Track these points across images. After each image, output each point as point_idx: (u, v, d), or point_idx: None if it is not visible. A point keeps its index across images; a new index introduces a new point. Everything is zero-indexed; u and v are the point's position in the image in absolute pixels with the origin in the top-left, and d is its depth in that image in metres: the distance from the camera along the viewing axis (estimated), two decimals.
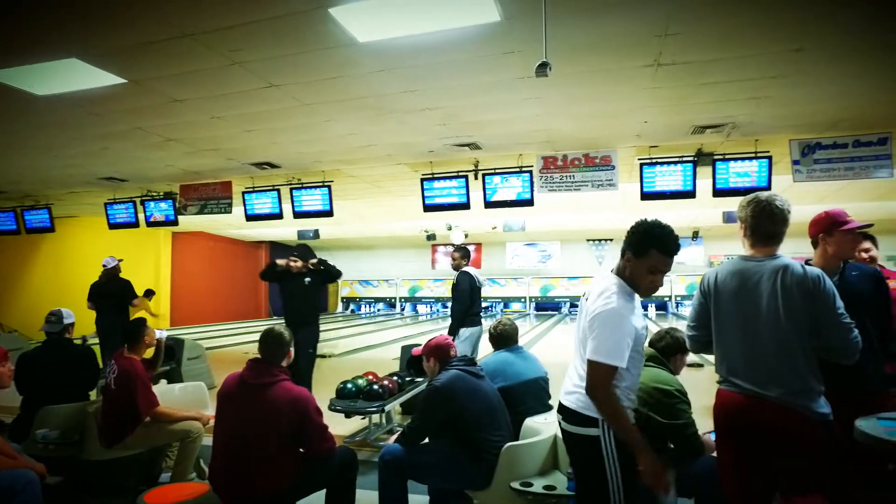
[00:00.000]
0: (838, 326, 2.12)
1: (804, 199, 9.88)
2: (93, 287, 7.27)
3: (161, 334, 4.21)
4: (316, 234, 14.83)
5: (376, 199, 10.64)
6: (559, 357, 4.19)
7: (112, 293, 7.18)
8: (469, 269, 6.03)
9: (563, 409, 2.32)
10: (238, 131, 5.94)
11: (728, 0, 3.34)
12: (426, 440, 3.17)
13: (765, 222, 2.27)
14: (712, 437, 2.87)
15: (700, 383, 3.88)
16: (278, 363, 2.98)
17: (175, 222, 8.84)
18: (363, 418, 4.81)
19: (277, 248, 20.25)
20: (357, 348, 11.64)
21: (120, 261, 7.37)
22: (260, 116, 5.45)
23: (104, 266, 7.30)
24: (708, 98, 5.03)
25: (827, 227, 2.68)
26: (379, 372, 4.96)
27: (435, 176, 7.36)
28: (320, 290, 6.20)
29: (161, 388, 4.41)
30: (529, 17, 3.40)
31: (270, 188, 8.14)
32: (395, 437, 3.23)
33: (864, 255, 3.22)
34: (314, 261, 6.23)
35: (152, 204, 8.84)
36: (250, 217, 8.40)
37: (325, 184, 7.86)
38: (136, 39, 3.76)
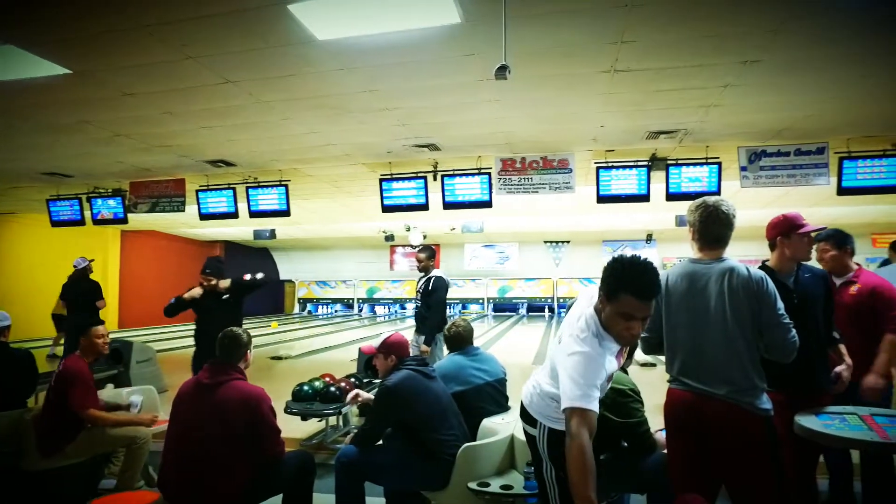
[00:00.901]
0: (780, 326, 2.23)
1: (751, 205, 10.27)
2: (64, 286, 7.74)
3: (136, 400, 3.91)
4: (272, 234, 14.56)
5: (334, 199, 10.53)
6: (516, 358, 4.23)
7: (83, 291, 7.50)
8: (439, 271, 5.99)
9: (523, 410, 2.35)
10: (192, 128, 5.77)
11: (680, 12, 3.45)
12: (382, 441, 3.15)
13: (712, 226, 2.36)
14: (663, 434, 2.95)
15: (652, 382, 3.98)
16: (235, 364, 2.92)
17: (124, 220, 8.53)
18: (320, 421, 4.75)
19: (233, 247, 19.79)
20: (314, 350, 11.48)
21: (91, 261, 7.76)
22: (215, 113, 5.31)
23: (75, 266, 7.69)
24: (661, 105, 5.17)
25: (784, 231, 2.77)
26: (336, 374, 4.90)
27: (394, 176, 7.33)
28: (241, 306, 5.05)
29: (109, 393, 4.25)
30: (489, 21, 3.43)
31: (226, 186, 7.95)
32: (349, 437, 3.20)
33: (825, 255, 3.36)
34: (226, 283, 4.96)
35: (100, 201, 8.50)
36: (204, 216, 8.18)
37: (282, 183, 7.73)
38: (83, 28, 3.61)
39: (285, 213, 7.82)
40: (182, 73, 4.32)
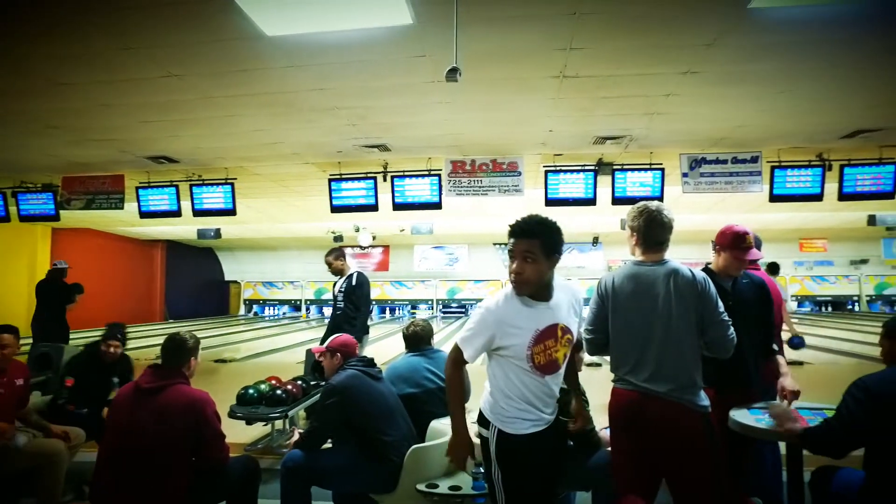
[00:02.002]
0: (720, 324, 2.34)
1: (691, 210, 10.69)
2: (37, 286, 7.99)
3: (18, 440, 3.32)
4: (217, 234, 14.15)
5: (282, 198, 10.32)
6: None
7: (55, 290, 7.79)
8: (354, 269, 5.66)
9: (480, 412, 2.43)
10: (132, 121, 5.54)
11: (625, 22, 3.56)
12: (329, 444, 3.11)
13: (655, 230, 2.44)
14: (607, 432, 3.03)
15: (598, 382, 4.09)
16: (179, 368, 2.81)
17: (56, 217, 8.10)
18: (265, 425, 4.64)
19: (175, 247, 19.11)
20: (260, 352, 11.21)
21: (68, 268, 8.05)
22: (157, 107, 5.12)
23: (53, 265, 8.12)
24: (608, 111, 5.32)
25: (725, 244, 2.94)
26: (283, 376, 4.80)
27: (343, 177, 7.26)
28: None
29: (36, 401, 4.01)
30: (441, 23, 3.44)
31: (168, 184, 7.66)
32: (293, 441, 3.13)
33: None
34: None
35: (28, 196, 8.03)
36: (145, 214, 7.85)
37: (228, 181, 7.52)
38: (13, 13, 3.41)
39: (231, 212, 7.61)
40: (121, 65, 4.14)
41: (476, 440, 2.45)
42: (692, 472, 2.27)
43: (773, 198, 6.74)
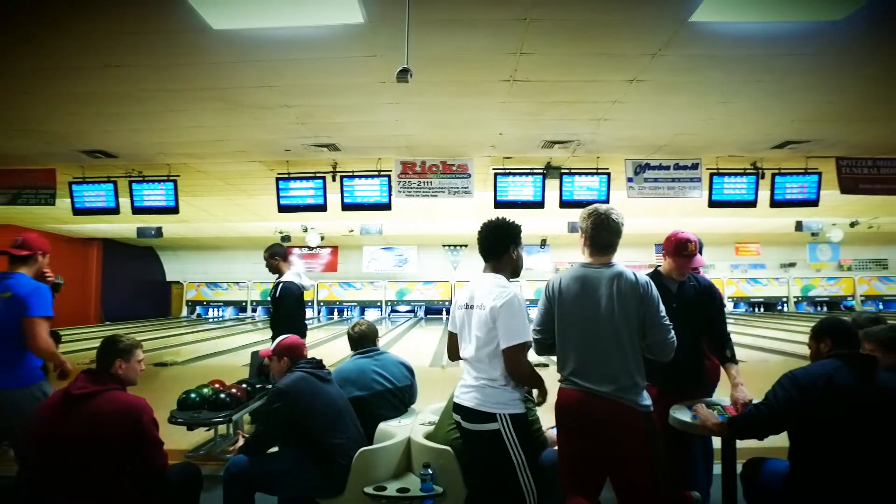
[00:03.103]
0: (661, 327, 2.41)
1: (637, 214, 11.02)
2: None
3: None
4: (159, 233, 13.60)
5: (228, 196, 10.04)
6: (414, 360, 4.24)
7: None
8: (291, 273, 5.24)
9: (460, 409, 2.56)
10: (62, 113, 5.25)
11: (574, 30, 3.65)
12: (274, 448, 3.05)
13: (602, 233, 2.49)
14: (554, 432, 3.09)
15: (545, 382, 4.16)
16: (112, 373, 2.68)
17: None
18: (208, 430, 4.50)
19: (113, 245, 18.29)
20: (203, 355, 10.86)
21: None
22: (93, 98, 4.88)
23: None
24: (556, 116, 5.43)
25: (668, 250, 3.12)
26: (227, 380, 4.67)
27: (291, 176, 7.13)
28: None
29: None
30: (393, 23, 3.43)
31: (105, 180, 7.32)
32: (238, 446, 3.05)
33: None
34: None
35: None
36: (79, 211, 7.47)
37: (171, 178, 7.26)
38: None
39: (173, 210, 7.34)
40: (59, 51, 3.92)
41: (425, 442, 2.47)
42: (635, 469, 2.34)
43: (712, 203, 7.04)
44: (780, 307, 20.37)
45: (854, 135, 6.13)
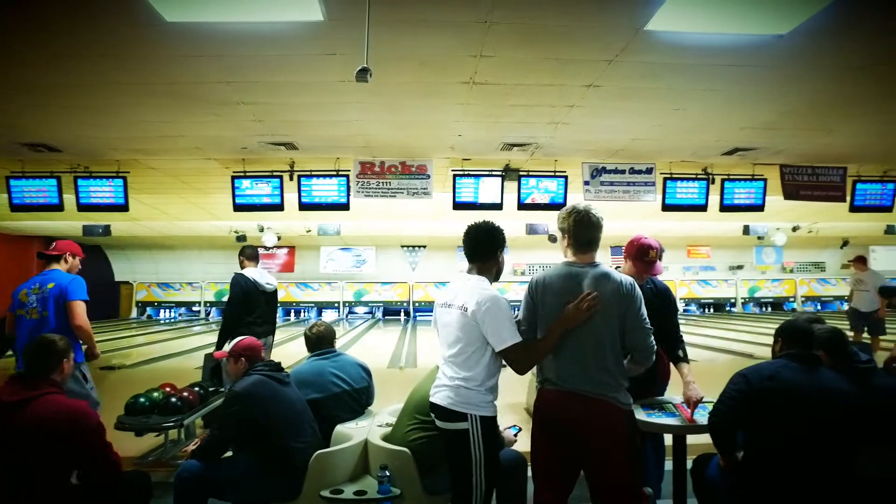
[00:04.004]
0: (643, 330, 2.45)
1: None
2: None
3: None
4: (107, 231, 13.05)
5: (181, 195, 9.76)
6: (372, 361, 4.21)
7: None
8: (251, 270, 5.41)
9: (434, 408, 2.58)
10: (1, 103, 4.98)
11: (532, 34, 3.70)
12: (229, 453, 2.98)
13: (584, 230, 2.51)
14: (512, 431, 3.12)
15: (505, 382, 4.19)
16: (48, 376, 2.55)
17: None
18: (158, 435, 4.36)
19: None
20: (153, 357, 10.53)
21: None
22: (36, 89, 4.65)
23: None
24: (515, 118, 5.49)
25: (629, 253, 3.19)
26: (178, 383, 4.53)
27: (247, 174, 6.99)
28: None
29: None
30: (353, 22, 3.40)
31: (48, 175, 6.98)
32: (191, 451, 2.97)
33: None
34: None
35: None
36: (17, 207, 7.09)
37: (120, 175, 6.99)
38: None
39: (123, 207, 7.07)
40: None
41: (383, 444, 2.45)
42: (615, 467, 2.36)
43: (665, 207, 7.26)
44: (728, 308, 21.10)
45: (797, 144, 6.42)
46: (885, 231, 13.67)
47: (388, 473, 2.80)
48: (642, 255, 3.15)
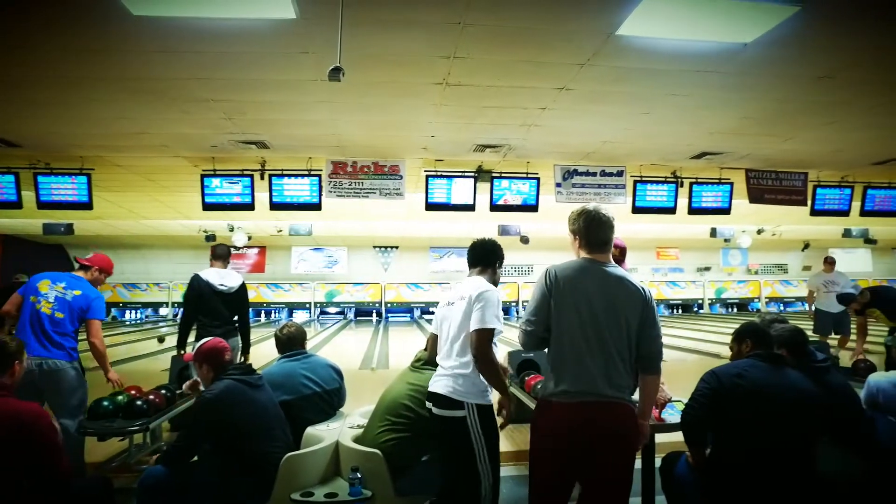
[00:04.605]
0: (655, 340, 2.39)
1: (565, 217, 11.33)
2: None
3: None
4: (69, 229, 12.68)
5: (148, 193, 9.54)
6: (343, 362, 4.19)
7: None
8: (209, 270, 5.10)
9: (433, 397, 2.68)
10: None
11: (505, 37, 3.72)
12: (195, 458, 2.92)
13: (597, 230, 2.43)
14: None
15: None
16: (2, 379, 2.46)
17: None
18: (122, 440, 4.24)
19: (15, 243, 16.97)
20: (118, 360, 10.26)
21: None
22: None
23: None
24: (488, 120, 5.51)
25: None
26: (144, 385, 4.43)
27: (217, 173, 6.87)
28: None
29: None
30: (326, 20, 3.37)
31: (5, 170, 6.74)
32: (157, 457, 2.90)
33: None
34: None
35: None
36: None
37: (84, 172, 6.80)
38: None
39: (86, 205, 6.89)
40: None
41: (354, 446, 2.43)
42: (623, 468, 2.30)
43: (636, 210, 7.37)
44: (696, 308, 21.54)
45: (762, 149, 6.59)
46: (843, 234, 14.17)
47: (359, 475, 2.78)
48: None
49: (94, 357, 4.10)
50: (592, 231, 2.43)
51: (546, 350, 2.44)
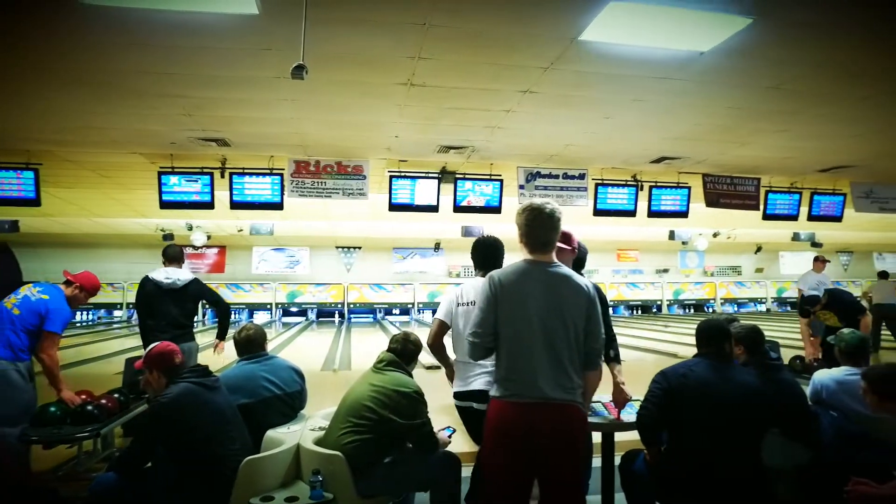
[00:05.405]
0: (602, 335, 2.39)
1: None
2: None
3: None
4: (14, 227, 12.14)
5: (102, 189, 9.22)
6: (305, 364, 4.13)
7: None
8: (158, 270, 4.90)
9: (473, 394, 2.87)
10: None
11: (470, 38, 3.74)
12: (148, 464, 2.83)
13: (538, 229, 2.36)
14: (446, 433, 3.14)
15: (437, 384, 4.20)
16: None
17: None
18: (70, 447, 4.06)
19: None
20: (68, 363, 9.86)
21: None
22: None
23: None
24: (452, 121, 5.53)
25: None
26: (96, 389, 4.27)
27: (175, 170, 6.70)
28: None
29: None
30: (289, 17, 3.32)
31: None
32: (108, 464, 2.80)
33: None
34: None
35: None
36: None
37: (31, 167, 6.53)
38: None
39: (33, 202, 6.61)
40: None
41: (315, 448, 2.37)
42: (572, 469, 2.30)
43: (597, 212, 7.51)
44: (654, 309, 22.04)
45: (717, 155, 6.80)
46: (792, 238, 14.74)
47: (320, 478, 2.75)
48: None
49: (44, 374, 3.84)
50: (535, 229, 2.36)
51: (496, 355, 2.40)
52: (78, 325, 18.61)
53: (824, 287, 8.25)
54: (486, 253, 3.25)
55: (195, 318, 5.02)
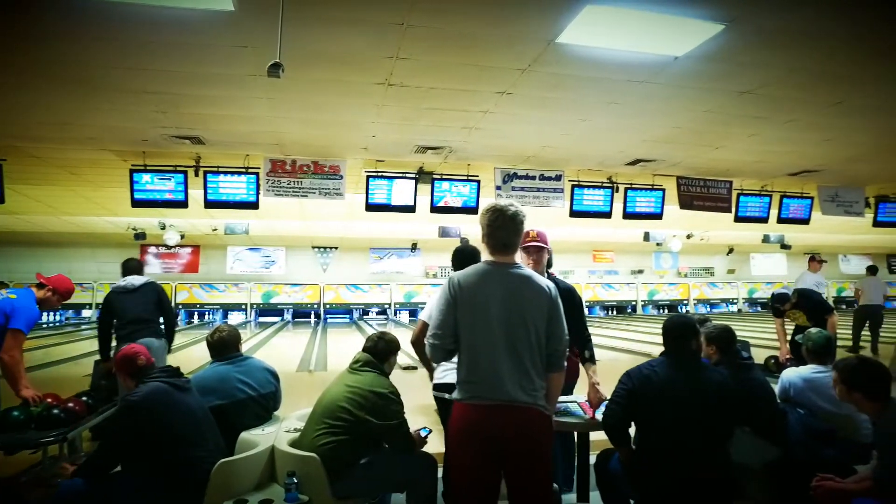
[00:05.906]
0: (562, 339, 2.36)
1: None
2: None
3: None
4: None
5: (71, 187, 9.01)
6: (280, 364, 4.09)
7: None
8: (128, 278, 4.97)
9: (449, 387, 2.74)
10: None
11: (449, 39, 3.74)
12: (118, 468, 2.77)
13: (499, 231, 2.34)
14: (423, 433, 3.13)
15: (413, 384, 4.19)
16: None
17: None
18: (34, 452, 3.93)
19: None
20: (35, 365, 9.62)
21: None
22: None
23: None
24: (430, 122, 5.53)
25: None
26: (63, 392, 4.16)
27: (148, 168, 6.58)
28: None
29: None
30: (266, 14, 3.29)
31: None
32: (74, 468, 2.73)
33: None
34: None
35: None
36: None
37: None
38: None
39: None
40: None
41: (290, 450, 2.35)
42: (541, 471, 2.30)
43: (573, 213, 7.58)
44: (629, 310, 22.31)
45: (691, 158, 6.92)
46: (762, 240, 15.06)
47: (295, 480, 2.72)
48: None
49: (4, 375, 3.69)
50: (497, 230, 2.34)
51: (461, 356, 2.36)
52: (45, 326, 18.14)
53: (824, 287, 8.32)
54: (465, 262, 3.10)
55: (159, 318, 4.95)
